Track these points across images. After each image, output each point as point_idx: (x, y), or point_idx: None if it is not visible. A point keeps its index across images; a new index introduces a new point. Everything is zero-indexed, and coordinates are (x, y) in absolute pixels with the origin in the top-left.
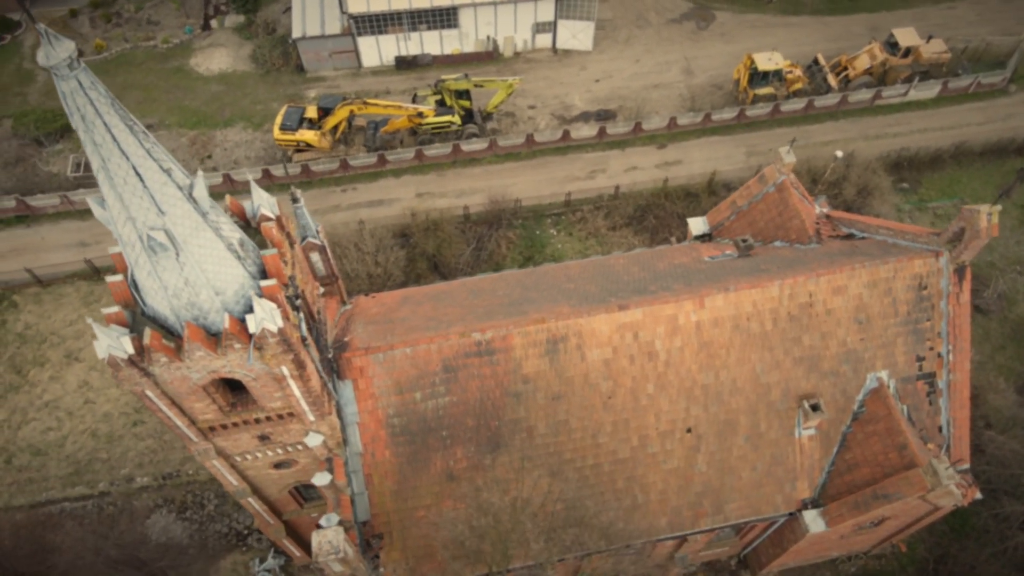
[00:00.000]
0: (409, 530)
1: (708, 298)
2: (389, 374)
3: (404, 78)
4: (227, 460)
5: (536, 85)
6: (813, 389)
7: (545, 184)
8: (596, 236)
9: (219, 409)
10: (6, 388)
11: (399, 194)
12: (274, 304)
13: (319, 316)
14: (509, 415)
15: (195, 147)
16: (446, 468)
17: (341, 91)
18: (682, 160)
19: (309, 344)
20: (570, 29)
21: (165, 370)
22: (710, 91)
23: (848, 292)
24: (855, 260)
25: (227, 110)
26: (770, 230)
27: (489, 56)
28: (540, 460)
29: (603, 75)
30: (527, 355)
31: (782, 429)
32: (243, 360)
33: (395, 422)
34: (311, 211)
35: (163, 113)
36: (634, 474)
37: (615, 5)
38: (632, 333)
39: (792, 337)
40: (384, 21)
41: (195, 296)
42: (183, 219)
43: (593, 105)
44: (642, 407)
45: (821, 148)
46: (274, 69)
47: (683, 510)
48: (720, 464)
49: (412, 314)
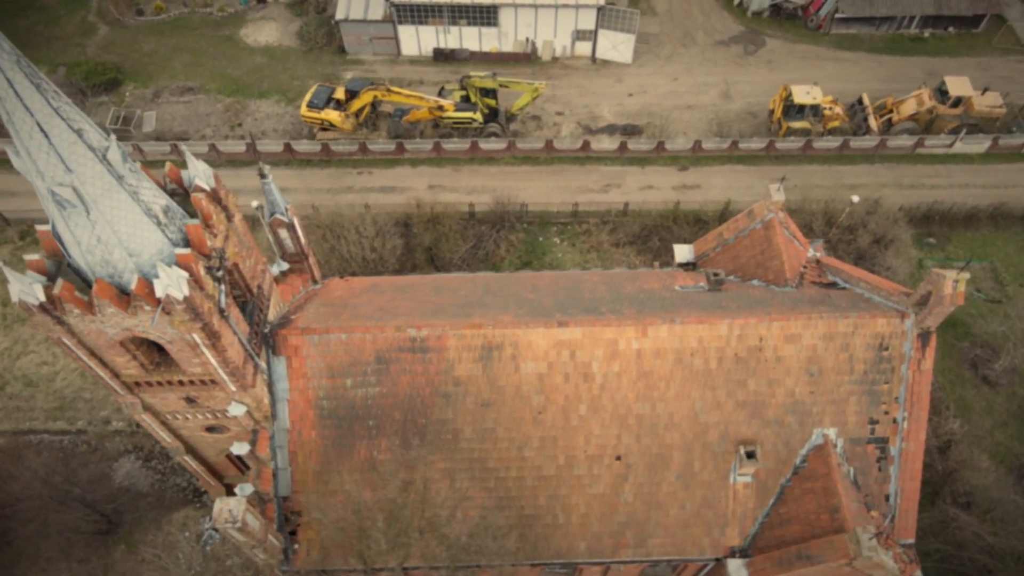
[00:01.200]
0: (327, 512)
1: (652, 327)
2: (323, 357)
3: (440, 70)
4: (157, 417)
5: (567, 92)
6: (754, 436)
7: (557, 192)
8: (599, 250)
9: (141, 366)
10: (15, 319)
11: (412, 183)
12: (184, 273)
13: (260, 291)
14: (437, 415)
15: (228, 113)
16: (369, 457)
17: (377, 76)
18: (701, 185)
19: (229, 316)
20: (611, 40)
21: (79, 322)
22: (744, 118)
23: (802, 341)
24: (815, 309)
25: (265, 82)
26: (751, 267)
27: (527, 58)
28: (463, 465)
29: (637, 89)
30: (460, 358)
31: (717, 472)
32: (149, 322)
33: (324, 404)
34: (324, 189)
35: (205, 78)
36: (557, 493)
37: (664, 20)
38: (569, 351)
39: (737, 379)
40: (425, 12)
41: (108, 255)
42: (94, 179)
43: (621, 118)
44: (572, 427)
45: (847, 190)
46: (317, 48)
47: (604, 537)
48: (648, 497)
49: (368, 302)
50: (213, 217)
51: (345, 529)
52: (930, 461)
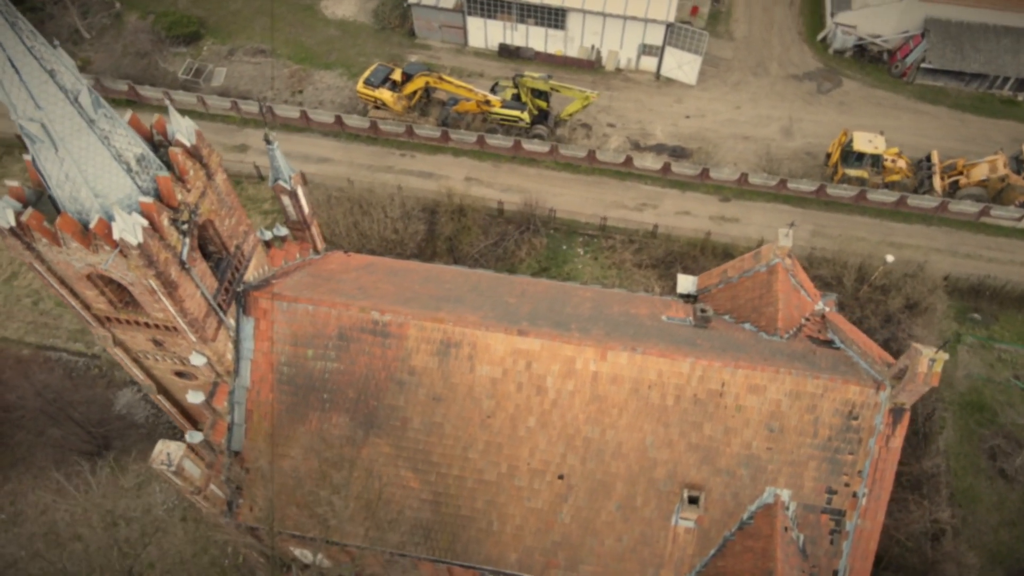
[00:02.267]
0: (272, 474)
1: (612, 352)
2: (289, 324)
3: (503, 66)
4: (128, 353)
5: (624, 105)
6: (703, 482)
7: (591, 203)
8: (619, 268)
9: (110, 303)
10: None
11: (450, 172)
12: (142, 220)
13: (238, 251)
14: (389, 400)
15: (292, 79)
16: (320, 429)
17: (441, 63)
18: (740, 219)
19: (191, 269)
20: (677, 58)
21: (48, 251)
22: (800, 157)
23: (766, 394)
24: (787, 363)
25: (333, 54)
26: (747, 310)
27: (590, 65)
28: (408, 454)
29: (696, 112)
30: (419, 348)
31: (659, 511)
32: (105, 261)
33: (284, 370)
34: (364, 165)
35: (279, 43)
36: (496, 500)
37: (739, 46)
38: (526, 361)
39: (693, 421)
40: (495, 6)
41: (76, 192)
42: (63, 119)
43: (673, 139)
44: (519, 437)
45: (892, 249)
46: (388, 28)
47: (536, 553)
48: (585, 522)
49: (353, 279)
50: (189, 172)
51: (287, 493)
52: (918, 547)
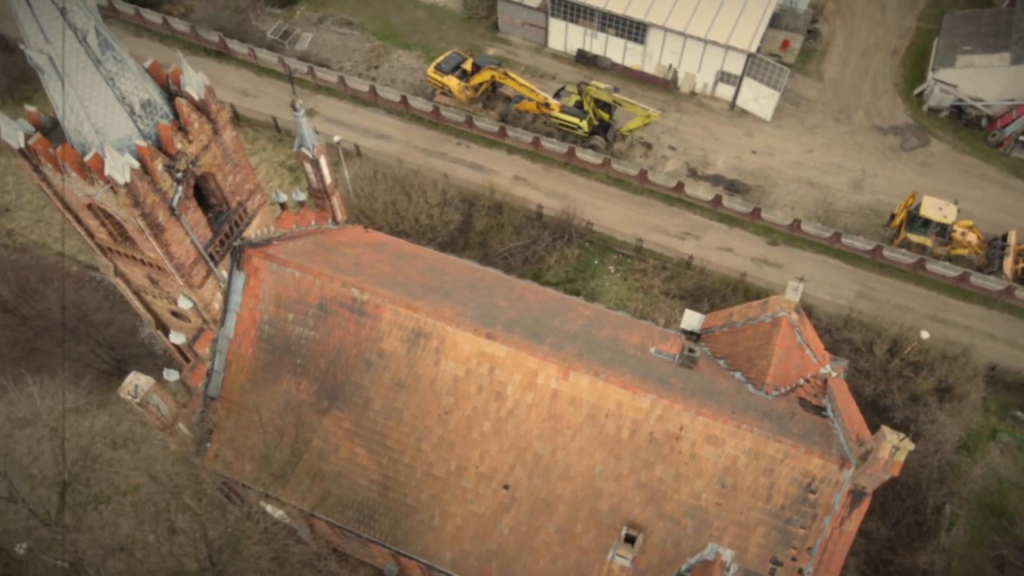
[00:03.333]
0: (241, 427)
1: (575, 373)
2: (275, 285)
3: (578, 72)
4: (129, 286)
5: (691, 130)
6: (645, 523)
7: (632, 222)
8: (646, 293)
9: (110, 234)
10: None
11: (500, 169)
12: (133, 161)
13: (240, 207)
14: (355, 377)
15: (372, 54)
16: (288, 392)
17: (518, 60)
18: (783, 266)
19: (181, 216)
20: (754, 90)
21: (53, 176)
22: (864, 214)
23: (723, 447)
24: (753, 420)
25: (416, 36)
26: (742, 358)
27: (665, 84)
28: (365, 433)
29: (763, 149)
30: (390, 332)
31: (597, 542)
32: (96, 193)
33: (265, 329)
34: (419, 147)
35: (367, 17)
36: (440, 496)
37: (827, 88)
38: (489, 365)
39: (645, 459)
40: (578, 11)
41: (79, 125)
42: (70, 55)
43: (732, 173)
44: (472, 439)
45: (940, 326)
46: (475, 18)
47: (470, 558)
48: (523, 537)
49: (356, 255)
50: (193, 124)
51: (249, 446)
52: None
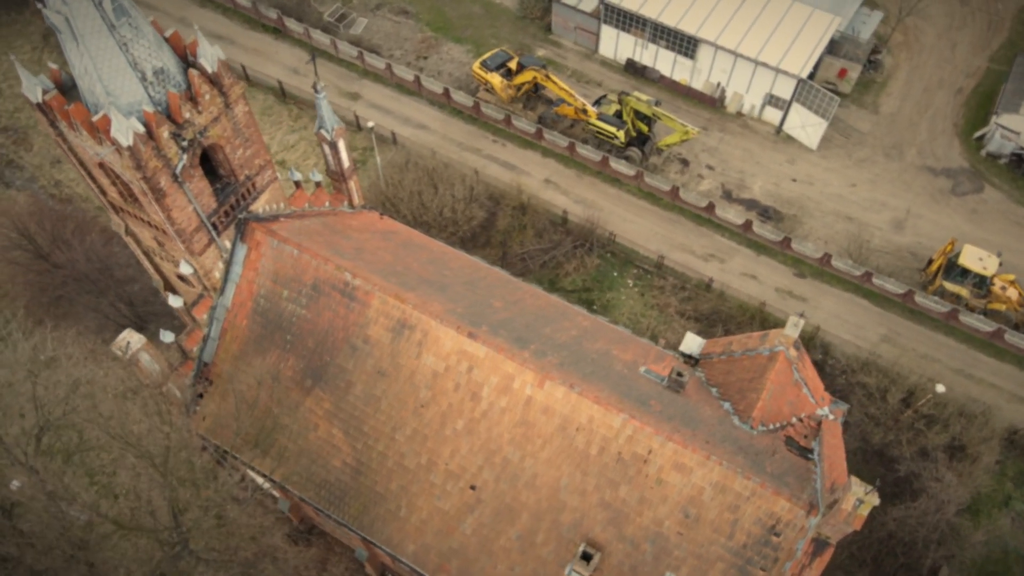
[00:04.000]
0: (227, 395)
1: (550, 383)
2: (274, 261)
3: (625, 81)
4: (139, 245)
5: (732, 151)
6: (604, 543)
7: (657, 239)
8: (662, 311)
9: (120, 194)
10: None
11: (532, 170)
12: (138, 126)
13: (247, 181)
14: (340, 360)
15: (422, 45)
16: (276, 366)
17: (567, 64)
18: (807, 300)
19: (184, 183)
20: (802, 117)
21: (68, 133)
22: (902, 256)
23: (690, 477)
24: (725, 453)
25: (469, 31)
26: (734, 389)
27: (712, 102)
28: (344, 416)
29: (804, 178)
30: (376, 319)
31: (556, 555)
32: (102, 153)
33: (261, 302)
34: (455, 141)
35: (423, 8)
36: (409, 488)
37: (881, 122)
38: (468, 364)
39: (610, 478)
40: (630, 20)
41: (92, 86)
42: (85, 18)
43: (768, 199)
44: (444, 435)
45: (964, 380)
46: (529, 17)
47: (432, 552)
48: (484, 540)
49: (361, 240)
50: (204, 96)
51: (236, 417)
52: None
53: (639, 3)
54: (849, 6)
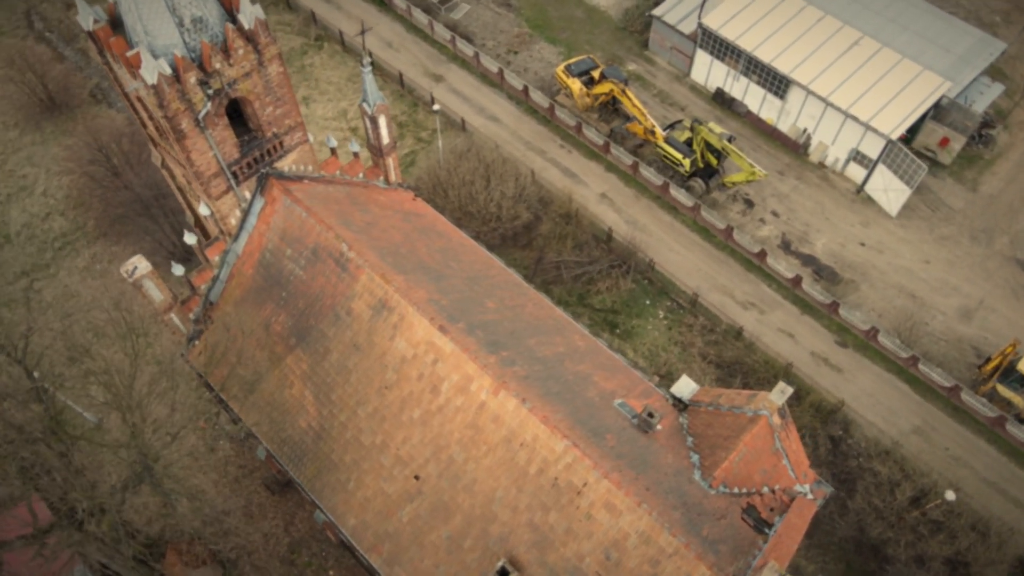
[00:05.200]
0: (221, 338)
1: (504, 392)
2: (284, 219)
3: (711, 110)
4: (173, 180)
5: (803, 202)
6: (526, 564)
7: (699, 275)
8: (685, 349)
9: (156, 128)
10: None
11: (591, 182)
12: (164, 67)
13: (274, 138)
14: (323, 326)
15: (516, 39)
16: (268, 318)
17: (654, 82)
18: (843, 372)
19: (206, 129)
20: (886, 180)
21: (113, 63)
22: (960, 348)
23: (618, 519)
24: (661, 505)
25: (566, 33)
26: (707, 442)
27: (795, 148)
28: (317, 381)
29: (874, 244)
30: (361, 294)
31: (479, 564)
32: (132, 87)
33: (267, 256)
34: (522, 139)
35: (526, 4)
36: (360, 464)
37: (976, 201)
38: (434, 356)
39: (543, 501)
40: (725, 49)
41: (134, 23)
42: None
43: (829, 258)
44: (400, 420)
45: (998, 498)
46: (630, 29)
47: (369, 531)
48: (417, 532)
49: (378, 216)
50: (237, 51)
51: (226, 356)
52: None
53: (737, 32)
54: (967, 73)
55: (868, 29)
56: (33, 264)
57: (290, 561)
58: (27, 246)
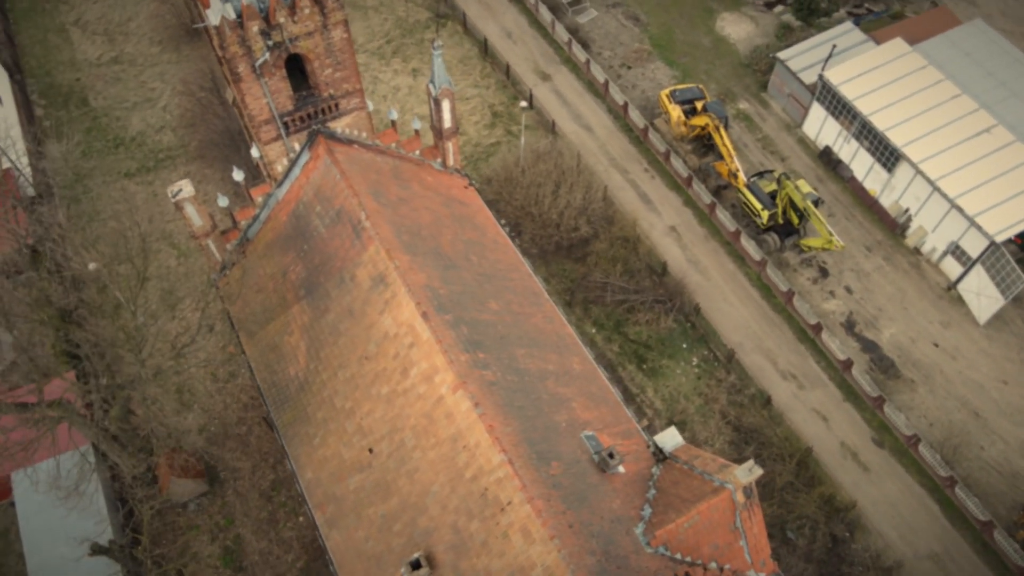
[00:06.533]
0: (248, 274)
1: (462, 391)
2: (322, 177)
3: (813, 168)
4: (241, 119)
5: (884, 285)
6: (439, 564)
7: (747, 333)
8: (705, 403)
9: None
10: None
11: (664, 212)
12: (230, 12)
13: (330, 99)
14: (329, 286)
15: (634, 55)
16: (288, 266)
17: (762, 127)
18: (870, 472)
19: (262, 76)
20: (981, 284)
21: None
22: (1013, 482)
23: (530, 547)
24: (577, 545)
25: (686, 58)
26: (665, 501)
27: (892, 226)
28: (312, 335)
29: (949, 348)
30: (366, 264)
31: (402, 550)
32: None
33: (300, 207)
34: (607, 153)
35: (656, 23)
36: (328, 423)
37: None
38: (411, 340)
39: (469, 509)
40: (842, 108)
41: None
42: None
43: (894, 351)
44: (371, 393)
45: None
46: (753, 67)
47: (320, 489)
48: (357, 502)
49: (418, 194)
50: (304, 10)
51: (247, 293)
52: None
53: (858, 92)
54: None
55: (1008, 119)
56: (138, 168)
57: (269, 496)
58: (136, 152)
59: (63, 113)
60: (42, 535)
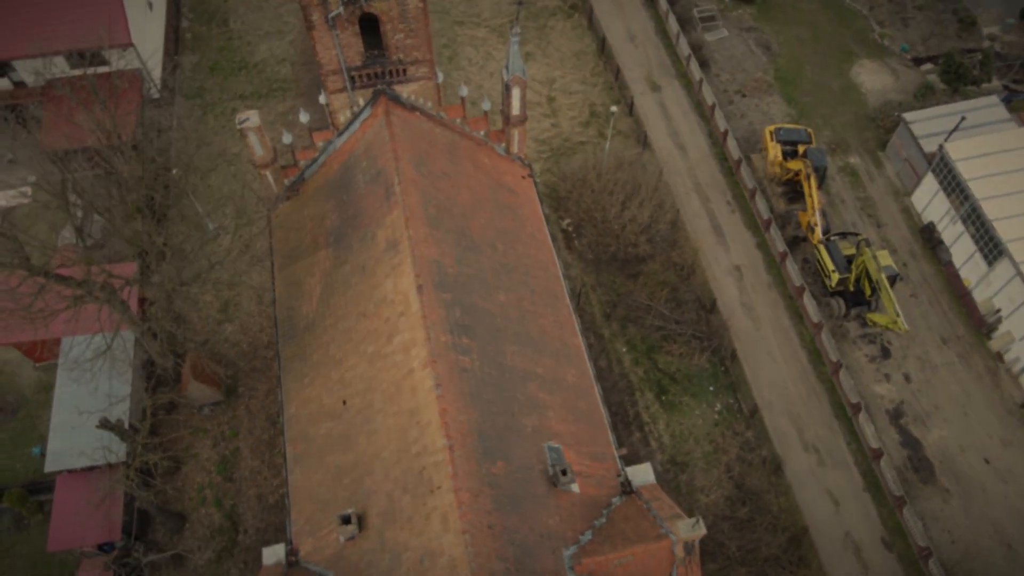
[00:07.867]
0: (295, 212)
1: (430, 369)
2: (374, 136)
3: (910, 242)
4: None
5: (950, 384)
6: (368, 525)
7: (780, 393)
8: (715, 451)
9: None
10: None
11: (734, 250)
12: None
13: (399, 62)
14: (353, 240)
15: (751, 83)
16: (327, 212)
17: (867, 186)
18: (870, 572)
19: (335, 28)
20: None
21: None
22: None
23: (444, 535)
24: (490, 553)
25: (807, 98)
26: (610, 533)
27: (980, 324)
28: (329, 281)
29: (1002, 467)
30: (387, 227)
31: (344, 504)
32: None
33: (351, 160)
34: (692, 179)
35: (788, 56)
36: (320, 367)
37: None
38: (403, 307)
39: (406, 483)
40: (955, 185)
41: None
42: None
43: (936, 455)
44: (359, 350)
45: None
46: (878, 122)
47: (298, 426)
48: (321, 448)
49: (465, 173)
50: None
51: (291, 226)
52: None
53: (975, 172)
54: None
55: None
56: (252, 92)
57: (274, 421)
58: (255, 78)
59: (204, 29)
60: (71, 399)
